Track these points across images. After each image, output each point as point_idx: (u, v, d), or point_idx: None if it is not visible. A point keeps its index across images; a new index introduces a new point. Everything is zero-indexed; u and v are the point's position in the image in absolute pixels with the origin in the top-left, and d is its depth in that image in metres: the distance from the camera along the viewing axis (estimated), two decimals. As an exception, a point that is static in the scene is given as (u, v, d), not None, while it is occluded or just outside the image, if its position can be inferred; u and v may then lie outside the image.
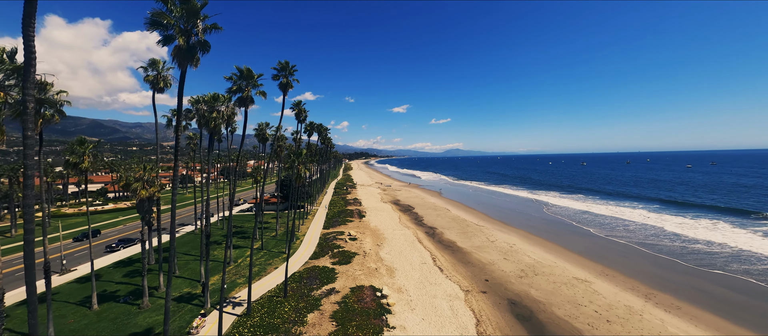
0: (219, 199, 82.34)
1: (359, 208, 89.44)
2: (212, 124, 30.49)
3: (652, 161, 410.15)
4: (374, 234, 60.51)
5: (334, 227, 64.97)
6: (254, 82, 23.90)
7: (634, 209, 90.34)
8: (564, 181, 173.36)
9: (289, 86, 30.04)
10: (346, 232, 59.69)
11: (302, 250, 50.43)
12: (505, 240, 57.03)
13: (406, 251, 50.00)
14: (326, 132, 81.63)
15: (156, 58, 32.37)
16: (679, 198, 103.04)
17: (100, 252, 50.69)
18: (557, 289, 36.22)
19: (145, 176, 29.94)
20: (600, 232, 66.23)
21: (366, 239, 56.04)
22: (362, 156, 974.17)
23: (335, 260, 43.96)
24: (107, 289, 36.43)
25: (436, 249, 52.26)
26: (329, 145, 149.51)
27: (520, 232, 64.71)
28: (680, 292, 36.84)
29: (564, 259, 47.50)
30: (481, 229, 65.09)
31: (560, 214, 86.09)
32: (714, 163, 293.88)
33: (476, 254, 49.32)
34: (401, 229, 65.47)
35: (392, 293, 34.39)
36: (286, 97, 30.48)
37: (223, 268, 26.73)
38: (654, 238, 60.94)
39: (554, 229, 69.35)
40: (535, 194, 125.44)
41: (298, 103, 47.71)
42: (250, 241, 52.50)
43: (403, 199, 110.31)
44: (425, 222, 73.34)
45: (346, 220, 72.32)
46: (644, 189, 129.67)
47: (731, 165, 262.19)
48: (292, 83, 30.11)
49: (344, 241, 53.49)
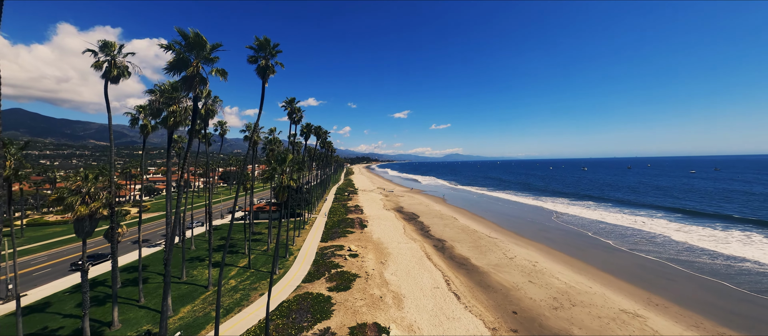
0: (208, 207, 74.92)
1: (361, 217, 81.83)
2: (170, 121, 23.13)
3: (653, 166, 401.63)
4: (377, 248, 52.92)
5: (333, 240, 57.35)
6: (207, 55, 16.66)
7: (652, 219, 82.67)
8: (569, 187, 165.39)
9: (270, 71, 22.90)
10: (346, 247, 52.09)
11: (295, 268, 42.86)
12: (525, 256, 49.35)
13: (414, 271, 42.37)
14: (326, 135, 74.16)
15: (110, 41, 25.18)
16: (698, 207, 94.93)
17: (64, 270, 43.23)
18: (606, 328, 28.52)
19: (85, 188, 22.57)
20: (622, 245, 58.71)
21: (368, 255, 48.43)
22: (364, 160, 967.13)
23: (332, 284, 36.29)
24: (49, 325, 28.83)
25: (449, 268, 44.61)
26: (330, 150, 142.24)
27: (537, 246, 57.04)
28: (757, 329, 29.22)
29: (599, 282, 39.79)
30: (495, 243, 57.41)
31: (573, 224, 78.50)
32: (717, 168, 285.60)
33: (495, 275, 41.65)
34: (407, 241, 57.84)
35: (402, 333, 26.82)
36: (266, 84, 23.13)
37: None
38: (687, 254, 53.26)
39: (572, 241, 61.66)
40: (542, 201, 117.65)
41: (291, 102, 40.25)
42: (237, 257, 45.20)
43: (406, 206, 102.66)
44: (432, 233, 65.68)
45: (346, 230, 64.72)
46: (657, 197, 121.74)
47: (735, 171, 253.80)
48: (273, 67, 22.91)
49: (343, 258, 45.85)
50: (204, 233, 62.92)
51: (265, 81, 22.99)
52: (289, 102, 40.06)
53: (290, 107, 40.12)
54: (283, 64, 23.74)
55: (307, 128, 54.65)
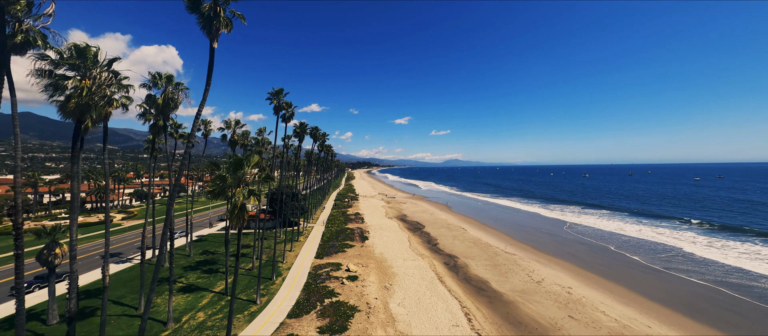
0: (189, 216, 66.72)
1: (361, 226, 73.50)
2: (72, 103, 15.06)
3: (654, 173, 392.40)
4: (380, 267, 44.58)
5: (330, 256, 49.00)
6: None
7: (676, 230, 74.22)
8: (575, 195, 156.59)
9: (221, 24, 15.13)
10: (343, 265, 43.76)
11: (281, 294, 34.50)
12: (554, 279, 40.93)
13: (426, 299, 34.01)
14: (324, 137, 66.11)
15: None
16: (723, 219, 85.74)
17: (4, 294, 34.98)
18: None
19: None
20: (653, 263, 50.68)
21: (370, 277, 40.07)
22: (365, 165, 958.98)
23: (325, 323, 27.83)
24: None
25: (466, 294, 36.21)
26: (330, 154, 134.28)
27: (562, 264, 48.66)
28: None
29: (655, 317, 31.31)
30: (514, 260, 49.01)
31: (589, 235, 70.20)
32: (721, 176, 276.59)
33: (525, 306, 33.24)
34: (414, 258, 49.49)
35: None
36: (215, 44, 15.05)
37: None
38: (739, 276, 44.81)
39: (598, 258, 53.25)
40: (550, 210, 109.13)
41: (278, 93, 31.94)
42: (215, 277, 36.01)
43: (410, 214, 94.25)
44: (441, 247, 57.30)
45: (344, 244, 56.38)
46: (672, 207, 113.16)
47: (738, 179, 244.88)
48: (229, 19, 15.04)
49: (340, 283, 37.48)
50: (181, 247, 54.50)
51: (214, 39, 15.17)
52: (275, 93, 31.79)
53: (277, 100, 31.97)
54: (244, 17, 15.96)
55: (301, 128, 46.42)
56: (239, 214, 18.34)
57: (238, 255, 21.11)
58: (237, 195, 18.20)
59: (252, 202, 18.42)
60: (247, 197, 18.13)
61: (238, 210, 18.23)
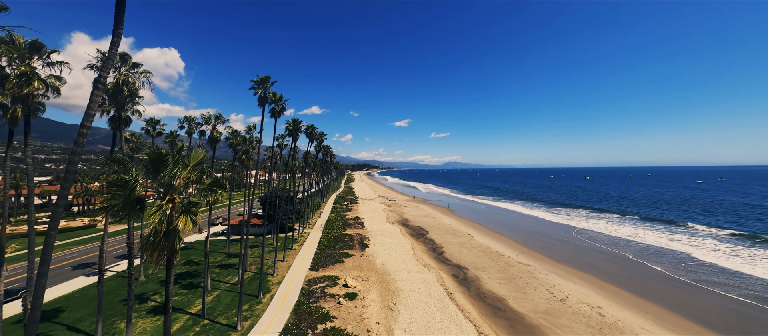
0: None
1: (361, 232, 68.24)
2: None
3: (655, 176, 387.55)
4: (382, 280, 39.30)
5: (326, 268, 43.68)
6: None
7: (694, 237, 69.26)
8: (579, 199, 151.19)
9: None
10: (341, 279, 38.46)
11: (268, 317, 29.25)
12: (579, 296, 35.68)
13: (436, 324, 28.73)
14: (322, 137, 60.98)
15: None
16: (744, 226, 79.85)
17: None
18: None
19: None
20: (679, 274, 46.14)
21: (371, 294, 34.78)
22: (365, 167, 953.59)
23: (316, 357, 22.72)
24: None
25: (482, 316, 30.96)
26: (329, 155, 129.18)
27: (583, 277, 43.45)
28: None
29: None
30: (531, 272, 43.78)
31: (602, 242, 65.17)
32: (722, 179, 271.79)
33: (551, 331, 28.04)
34: (419, 269, 44.23)
35: None
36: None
37: None
38: (781, 292, 39.74)
39: (619, 269, 48.09)
40: (556, 214, 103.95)
41: (264, 81, 26.64)
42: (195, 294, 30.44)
43: (412, 219, 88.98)
44: (448, 255, 52.04)
45: (343, 252, 51.12)
46: (682, 212, 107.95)
47: (740, 182, 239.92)
48: None
49: (337, 302, 32.18)
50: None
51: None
52: (260, 81, 26.34)
53: (262, 90, 26.60)
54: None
55: (294, 125, 40.98)
56: (155, 245, 11.33)
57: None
58: (157, 213, 10.90)
59: (182, 223, 11.68)
60: (177, 216, 11.45)
61: (162, 236, 11.15)
